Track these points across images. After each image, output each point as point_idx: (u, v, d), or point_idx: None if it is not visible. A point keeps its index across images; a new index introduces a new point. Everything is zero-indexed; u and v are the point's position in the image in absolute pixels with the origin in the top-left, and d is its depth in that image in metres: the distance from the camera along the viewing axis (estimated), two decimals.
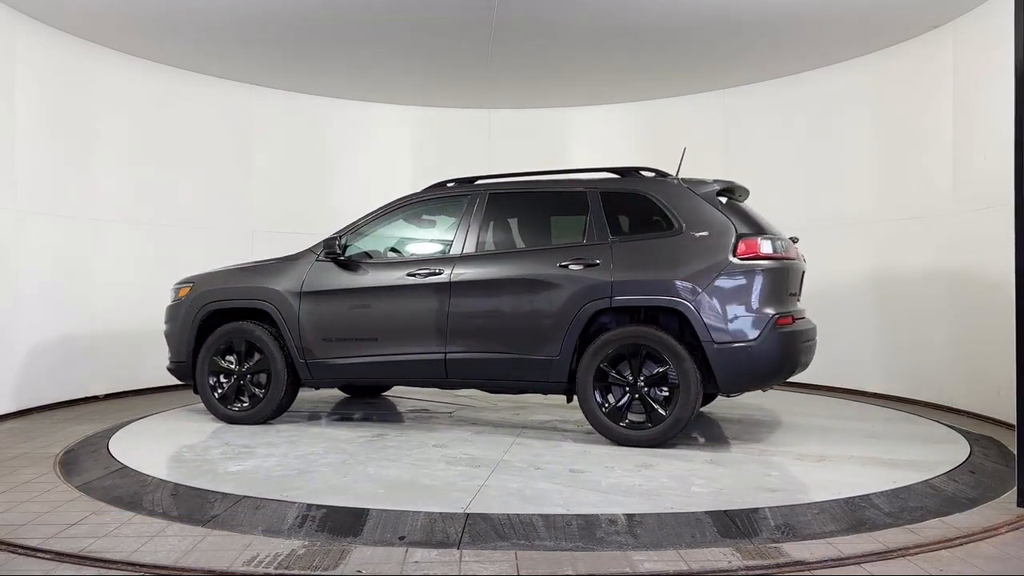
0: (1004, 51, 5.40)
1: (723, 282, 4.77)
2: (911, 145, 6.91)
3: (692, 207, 4.98)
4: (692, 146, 8.61)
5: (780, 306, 4.82)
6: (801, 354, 4.98)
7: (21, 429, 5.84)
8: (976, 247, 6.13)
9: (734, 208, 5.07)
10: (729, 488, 3.92)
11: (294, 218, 8.77)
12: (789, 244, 5.08)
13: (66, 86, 6.90)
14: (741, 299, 4.76)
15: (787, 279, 4.95)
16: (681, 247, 4.89)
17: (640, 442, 4.84)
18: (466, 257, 5.32)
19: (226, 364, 5.82)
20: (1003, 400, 5.62)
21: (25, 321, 6.43)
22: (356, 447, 4.90)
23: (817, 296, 7.70)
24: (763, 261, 4.80)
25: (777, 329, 4.74)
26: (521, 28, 6.69)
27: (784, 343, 4.79)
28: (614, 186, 5.24)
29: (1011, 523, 3.53)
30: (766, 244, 4.85)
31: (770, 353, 4.76)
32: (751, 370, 4.78)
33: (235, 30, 6.74)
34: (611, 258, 4.97)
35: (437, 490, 3.88)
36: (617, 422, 4.88)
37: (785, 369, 4.89)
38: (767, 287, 4.78)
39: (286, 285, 5.70)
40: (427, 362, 5.32)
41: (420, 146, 9.34)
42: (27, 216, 6.46)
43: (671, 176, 5.28)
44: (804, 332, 5.05)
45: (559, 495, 3.78)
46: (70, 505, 3.84)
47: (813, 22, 6.50)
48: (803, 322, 5.15)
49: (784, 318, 4.80)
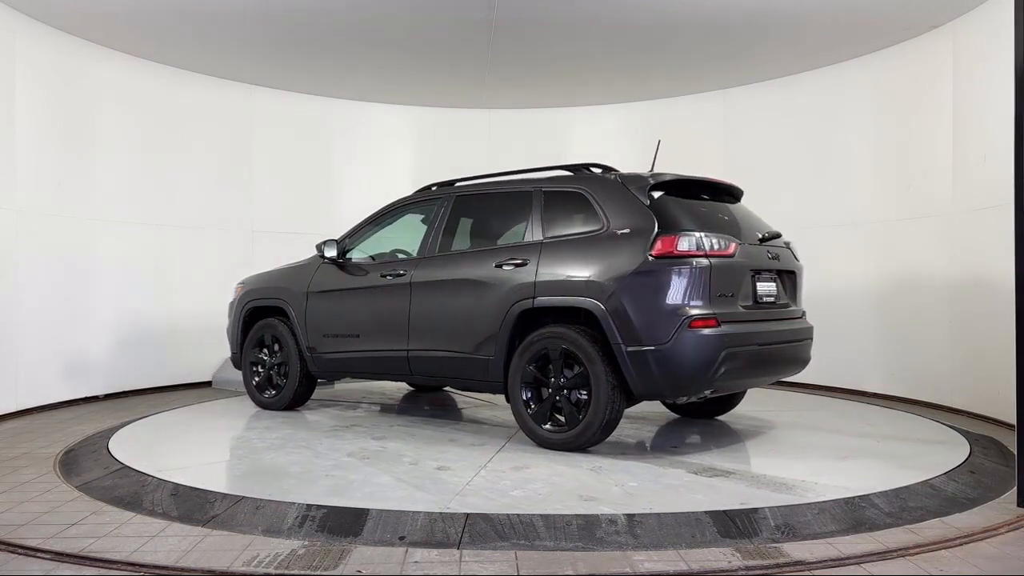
0: (1004, 51, 5.40)
1: (635, 281, 4.49)
2: (911, 145, 6.91)
3: (621, 204, 4.76)
4: (692, 146, 8.70)
5: (702, 307, 4.43)
6: (734, 360, 4.50)
7: (21, 429, 5.85)
8: (976, 247, 6.13)
9: (667, 204, 4.74)
10: (547, 495, 3.76)
11: (294, 218, 8.78)
12: (726, 241, 4.63)
13: (66, 86, 6.90)
14: (653, 300, 4.45)
15: (712, 278, 4.49)
16: (601, 246, 4.71)
17: (558, 445, 4.71)
18: (427, 259, 5.57)
19: (260, 356, 6.45)
20: (1003, 400, 5.62)
21: (25, 321, 6.43)
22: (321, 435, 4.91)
23: (817, 296, 7.71)
24: (680, 259, 4.46)
25: (691, 332, 4.38)
26: (521, 28, 6.69)
27: (700, 347, 4.40)
28: (556, 185, 5.17)
29: (1011, 523, 3.53)
30: (685, 241, 4.48)
31: (682, 358, 4.39)
32: (662, 376, 4.44)
33: (235, 30, 6.75)
34: (538, 258, 4.93)
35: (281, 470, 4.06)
36: (541, 424, 4.82)
37: (706, 376, 4.44)
38: (682, 287, 4.43)
39: (298, 285, 6.24)
40: (394, 359, 5.63)
41: (420, 146, 9.35)
42: (27, 216, 6.46)
43: (612, 173, 5.11)
44: (744, 336, 4.59)
45: (399, 490, 3.88)
46: (70, 505, 3.83)
47: (813, 22, 6.50)
48: (753, 325, 4.71)
49: (703, 320, 4.42)
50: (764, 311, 4.89)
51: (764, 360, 4.82)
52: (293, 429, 5.53)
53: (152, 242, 7.66)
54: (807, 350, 5.31)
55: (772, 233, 5.14)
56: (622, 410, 4.66)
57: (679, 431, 5.51)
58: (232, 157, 8.39)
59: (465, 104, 9.11)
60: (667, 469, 4.30)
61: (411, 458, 4.59)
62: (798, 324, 5.21)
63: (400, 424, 5.76)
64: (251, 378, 6.50)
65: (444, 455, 4.66)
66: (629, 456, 4.63)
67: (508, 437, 5.15)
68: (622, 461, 4.48)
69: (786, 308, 5.15)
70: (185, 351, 7.94)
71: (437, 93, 8.76)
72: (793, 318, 5.19)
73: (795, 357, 5.16)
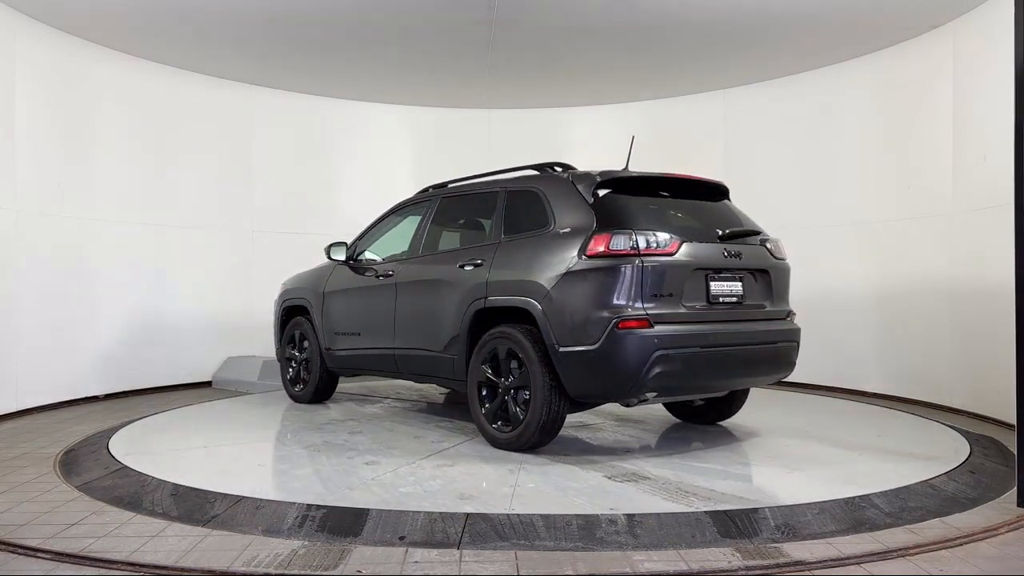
0: (1004, 51, 5.39)
1: (570, 281, 4.43)
2: (911, 145, 6.91)
3: (567, 203, 4.71)
4: (692, 146, 8.71)
5: (633, 307, 4.28)
6: (669, 363, 4.31)
7: (21, 429, 5.84)
8: (976, 247, 6.13)
9: (611, 202, 4.63)
10: (432, 492, 3.84)
11: (294, 218, 8.78)
12: (667, 239, 4.44)
13: (66, 86, 6.90)
14: (584, 300, 4.38)
15: (646, 278, 4.33)
16: (544, 245, 4.68)
17: (505, 445, 4.74)
18: (410, 259, 5.76)
19: (292, 352, 6.86)
20: (1003, 400, 5.62)
21: (25, 321, 6.43)
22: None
23: (817, 296, 7.72)
24: (612, 258, 4.34)
25: (620, 333, 4.24)
26: (521, 28, 6.69)
27: (629, 349, 4.25)
28: (518, 185, 5.19)
29: (1011, 523, 3.52)
30: (620, 240, 4.35)
31: (611, 360, 4.28)
32: (593, 377, 4.37)
33: (235, 30, 6.75)
34: (492, 258, 4.97)
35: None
36: (492, 423, 4.86)
37: (637, 379, 4.28)
38: (613, 287, 4.31)
39: (317, 286, 6.61)
40: (385, 356, 5.87)
41: (420, 146, 9.35)
42: (27, 216, 6.46)
43: (568, 172, 5.03)
44: (685, 337, 4.40)
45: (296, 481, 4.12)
46: (70, 505, 3.83)
47: (813, 22, 6.50)
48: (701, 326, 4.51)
49: (633, 321, 4.27)
50: (723, 311, 4.66)
51: (719, 363, 4.59)
52: (290, 423, 5.55)
53: (152, 242, 7.66)
54: (787, 353, 5.00)
55: (740, 231, 4.86)
56: (562, 412, 4.60)
57: (657, 435, 5.35)
58: (232, 157, 8.39)
59: (465, 104, 9.11)
60: (587, 473, 4.23)
61: (356, 452, 4.74)
62: (774, 325, 4.92)
63: (394, 421, 5.84)
64: (285, 372, 6.96)
65: (390, 451, 4.76)
66: (566, 458, 4.57)
67: (470, 437, 5.16)
68: (551, 463, 4.44)
69: (758, 309, 4.87)
70: (185, 351, 7.94)
71: (437, 93, 8.76)
72: (766, 319, 4.90)
73: (768, 360, 4.89)
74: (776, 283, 4.99)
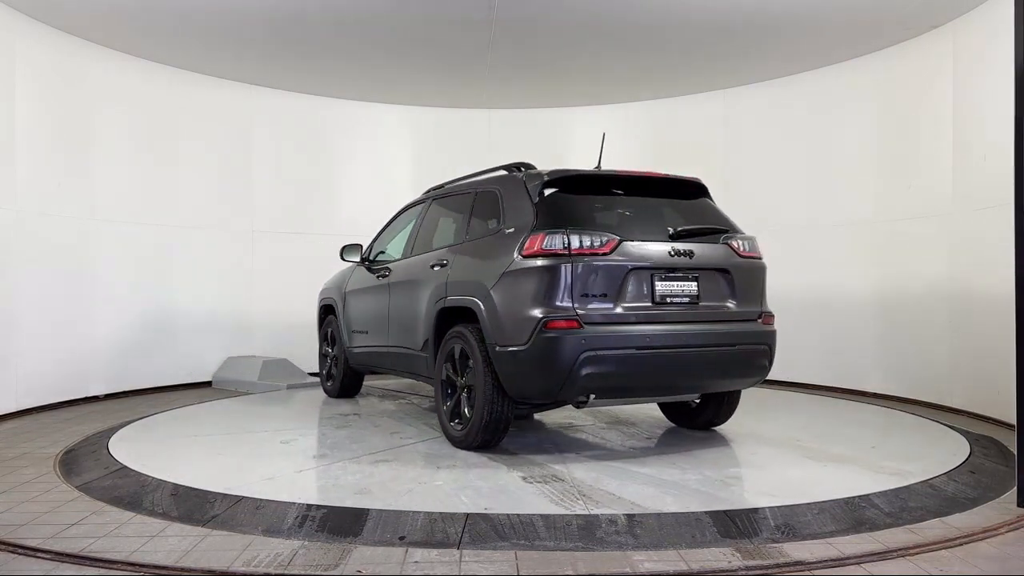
0: (1004, 51, 5.40)
1: (507, 281, 4.44)
2: (911, 145, 6.91)
3: (516, 203, 4.71)
4: (692, 146, 8.71)
5: (561, 307, 4.23)
6: (600, 364, 4.23)
7: (21, 429, 5.84)
8: (976, 247, 6.13)
9: (554, 200, 4.58)
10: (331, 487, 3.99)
11: (294, 218, 8.79)
12: (602, 239, 4.36)
13: (66, 86, 6.90)
14: (517, 299, 4.37)
15: (576, 277, 4.27)
16: (493, 245, 4.71)
17: (458, 443, 4.81)
18: (402, 259, 5.93)
19: (326, 349, 7.22)
20: (1003, 400, 5.62)
21: (25, 321, 6.43)
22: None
23: (817, 296, 7.73)
24: (544, 257, 4.29)
25: (547, 333, 4.20)
26: (521, 28, 6.69)
27: (556, 349, 4.19)
28: (484, 186, 5.22)
29: (1011, 523, 3.52)
30: (553, 239, 4.30)
31: (540, 360, 4.24)
32: (525, 377, 4.36)
33: (235, 30, 6.74)
34: (454, 259, 5.05)
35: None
36: (450, 422, 4.91)
37: (566, 380, 4.21)
38: (544, 286, 4.27)
39: (342, 286, 6.92)
40: (382, 354, 6.08)
41: (420, 146, 9.35)
42: (27, 216, 6.46)
43: (524, 171, 4.97)
44: (618, 338, 4.29)
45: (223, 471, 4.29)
46: (70, 505, 3.83)
47: (813, 22, 6.50)
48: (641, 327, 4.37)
49: (561, 321, 4.21)
50: (673, 312, 4.50)
51: (662, 365, 4.42)
52: (289, 422, 5.55)
53: (152, 242, 7.66)
54: (752, 357, 4.72)
55: (691, 229, 4.68)
56: (506, 412, 4.60)
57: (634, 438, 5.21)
58: (232, 157, 8.39)
59: (465, 104, 9.11)
60: (508, 473, 4.22)
61: (319, 450, 4.90)
62: (737, 327, 4.67)
63: (391, 418, 5.92)
64: (321, 368, 7.32)
65: (351, 447, 4.90)
66: (507, 458, 4.59)
67: (439, 436, 5.18)
68: (483, 463, 4.45)
69: (717, 310, 4.65)
70: (185, 351, 7.94)
71: (437, 93, 8.76)
72: (728, 320, 4.67)
73: (728, 363, 4.65)
74: (740, 283, 4.72)
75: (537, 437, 5.22)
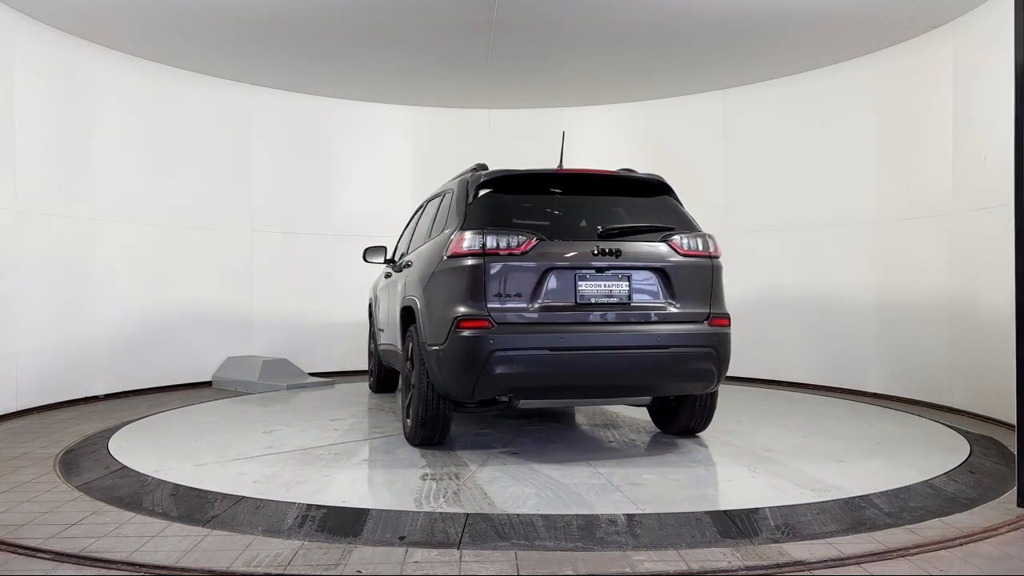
0: (1004, 51, 5.40)
1: (435, 281, 4.59)
2: (911, 145, 6.91)
3: (457, 204, 4.79)
4: (692, 146, 8.71)
5: (473, 307, 4.26)
6: (510, 364, 4.21)
7: (21, 429, 5.84)
8: (976, 247, 6.13)
9: (484, 201, 4.61)
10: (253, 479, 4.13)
11: (294, 218, 8.79)
12: (518, 239, 4.33)
13: (66, 86, 6.90)
14: (438, 300, 4.51)
15: (489, 278, 4.27)
16: (435, 246, 4.83)
17: (408, 440, 4.96)
18: (401, 259, 5.99)
19: (371, 345, 7.62)
20: (1003, 400, 5.62)
21: (25, 321, 6.43)
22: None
23: (816, 296, 7.73)
24: (461, 259, 4.35)
25: (460, 332, 4.25)
26: (521, 28, 6.69)
27: (467, 349, 4.23)
28: (448, 187, 5.30)
29: (1011, 523, 3.52)
30: (472, 240, 4.33)
31: (454, 359, 4.30)
32: (443, 376, 4.41)
33: (235, 30, 6.74)
34: (415, 260, 5.24)
35: None
36: (406, 418, 5.03)
37: (479, 379, 4.23)
38: (460, 287, 4.34)
39: (376, 285, 7.23)
40: (387, 352, 6.45)
41: (420, 146, 9.36)
42: (27, 216, 6.46)
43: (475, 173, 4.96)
44: (529, 338, 4.25)
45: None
46: (70, 505, 3.83)
47: (813, 22, 6.50)
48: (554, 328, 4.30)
49: (471, 320, 4.24)
50: (594, 312, 4.40)
51: (580, 366, 4.32)
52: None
53: (152, 242, 7.66)
54: (690, 360, 4.49)
55: (620, 228, 4.59)
56: (442, 409, 4.67)
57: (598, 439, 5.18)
58: (232, 157, 8.39)
59: (465, 104, 9.11)
60: (407, 471, 4.29)
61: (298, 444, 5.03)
62: (670, 329, 4.45)
63: (385, 415, 5.93)
64: (368, 363, 7.79)
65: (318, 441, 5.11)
66: (436, 455, 4.68)
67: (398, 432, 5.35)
68: (404, 459, 4.59)
69: (653, 311, 4.48)
70: (185, 351, 7.94)
71: (437, 93, 8.76)
72: (665, 322, 4.47)
73: (659, 366, 4.45)
74: (680, 283, 4.52)
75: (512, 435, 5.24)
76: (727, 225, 8.38)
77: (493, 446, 4.97)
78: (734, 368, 8.24)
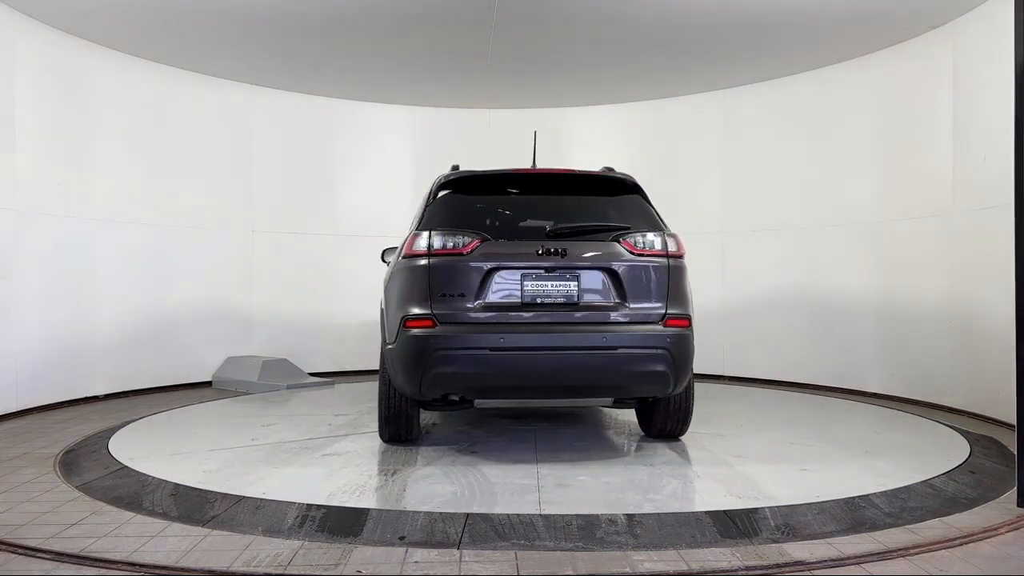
0: (1004, 51, 5.39)
1: (392, 282, 4.76)
2: (911, 145, 6.91)
3: (423, 204, 4.90)
4: (692, 146, 8.71)
5: (418, 307, 4.32)
6: (452, 363, 4.24)
7: (21, 429, 5.84)
8: (976, 247, 6.13)
9: (441, 202, 4.70)
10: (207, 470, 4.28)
11: (294, 218, 8.79)
12: (462, 239, 4.39)
13: (66, 86, 6.90)
14: (393, 299, 4.63)
15: (432, 278, 4.33)
16: (400, 247, 4.90)
17: (381, 438, 5.04)
18: None
19: None
20: (1003, 400, 5.62)
21: (25, 321, 6.43)
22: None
23: (817, 296, 7.73)
24: (413, 259, 4.45)
25: (406, 331, 4.34)
26: (521, 28, 6.69)
27: (412, 348, 4.29)
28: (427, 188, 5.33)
29: (1011, 523, 3.52)
30: (420, 241, 4.42)
31: (401, 358, 4.39)
32: (397, 375, 4.50)
33: (235, 30, 6.74)
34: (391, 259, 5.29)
35: None
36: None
37: (423, 378, 4.26)
38: (407, 287, 4.44)
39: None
40: None
41: (420, 146, 9.35)
42: (27, 216, 6.46)
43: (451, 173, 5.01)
44: (471, 338, 4.27)
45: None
46: (70, 505, 3.83)
47: (813, 22, 6.50)
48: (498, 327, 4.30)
49: (415, 320, 4.30)
50: (539, 313, 4.37)
51: (523, 366, 4.29)
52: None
53: (152, 242, 7.66)
54: (640, 361, 4.36)
55: (569, 227, 4.55)
56: (404, 407, 4.79)
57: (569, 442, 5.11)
58: (232, 157, 8.39)
59: (465, 104, 9.11)
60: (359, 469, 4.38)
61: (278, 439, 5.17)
62: (619, 329, 4.37)
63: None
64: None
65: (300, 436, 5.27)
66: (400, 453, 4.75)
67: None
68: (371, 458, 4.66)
69: (604, 311, 4.41)
70: (185, 351, 7.94)
71: (437, 93, 8.76)
72: (615, 323, 4.39)
73: (607, 367, 4.35)
74: (632, 283, 4.43)
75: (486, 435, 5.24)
76: (727, 225, 8.39)
77: (461, 443, 5.02)
78: (734, 368, 8.32)
